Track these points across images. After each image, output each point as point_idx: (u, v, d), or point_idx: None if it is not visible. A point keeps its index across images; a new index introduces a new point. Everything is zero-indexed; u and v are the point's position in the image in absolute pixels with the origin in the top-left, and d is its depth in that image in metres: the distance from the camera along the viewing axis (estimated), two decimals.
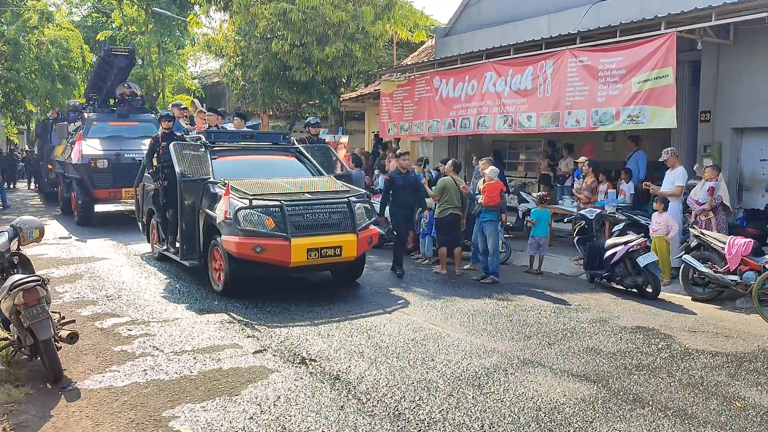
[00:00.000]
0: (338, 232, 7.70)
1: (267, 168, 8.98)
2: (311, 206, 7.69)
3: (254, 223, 7.39)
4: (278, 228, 7.40)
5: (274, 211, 7.50)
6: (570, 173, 12.39)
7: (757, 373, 5.47)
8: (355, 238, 7.75)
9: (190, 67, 34.06)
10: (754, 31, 9.09)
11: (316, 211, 7.70)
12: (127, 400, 4.79)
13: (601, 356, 5.84)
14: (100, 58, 16.72)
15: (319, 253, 7.51)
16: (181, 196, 8.47)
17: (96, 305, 7.50)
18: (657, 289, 8.13)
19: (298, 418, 4.50)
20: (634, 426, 4.39)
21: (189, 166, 8.56)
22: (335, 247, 7.62)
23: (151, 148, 9.68)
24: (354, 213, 7.84)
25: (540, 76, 10.83)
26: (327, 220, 7.71)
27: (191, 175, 8.45)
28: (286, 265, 7.45)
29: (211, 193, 8.20)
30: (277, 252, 7.34)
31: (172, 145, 8.85)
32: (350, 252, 7.77)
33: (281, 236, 7.33)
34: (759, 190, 9.65)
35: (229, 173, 8.34)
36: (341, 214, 7.80)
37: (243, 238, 7.34)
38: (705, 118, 10.15)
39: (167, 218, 9.39)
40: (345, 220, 7.77)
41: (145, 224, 10.77)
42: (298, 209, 7.58)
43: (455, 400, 4.81)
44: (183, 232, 8.63)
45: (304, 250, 7.39)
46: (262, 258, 7.37)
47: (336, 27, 15.80)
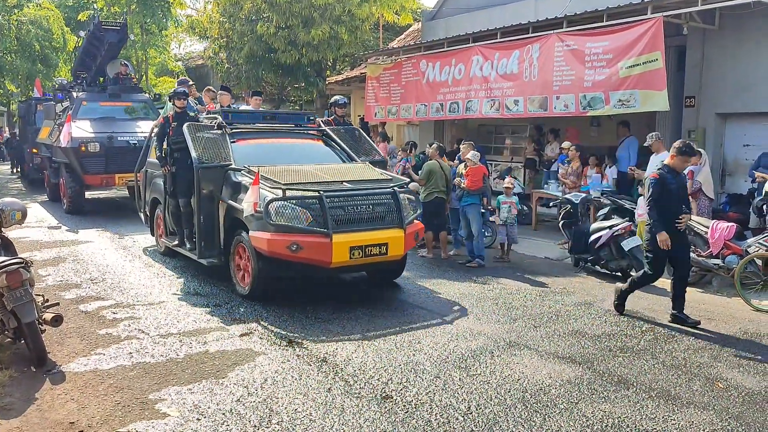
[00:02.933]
0: (383, 227, 6.80)
1: (293, 153, 8.15)
2: (353, 198, 6.77)
3: (288, 216, 6.46)
4: (316, 223, 6.49)
5: (312, 203, 6.57)
6: (555, 158, 12.43)
7: (738, 355, 5.55)
8: (402, 234, 6.85)
9: (174, 49, 33.64)
10: (739, 17, 9.13)
11: (359, 203, 6.77)
12: (113, 383, 4.76)
13: (586, 339, 5.89)
14: (89, 33, 15.44)
15: (363, 251, 6.59)
16: (198, 185, 7.42)
17: (80, 288, 7.43)
18: None
19: (285, 400, 4.50)
20: (618, 407, 4.44)
21: (205, 151, 7.54)
22: (380, 245, 6.71)
23: (161, 129, 8.54)
24: (401, 205, 6.94)
25: (526, 60, 10.81)
26: (371, 214, 6.79)
27: (209, 161, 7.46)
28: (327, 265, 6.55)
29: (232, 182, 7.30)
30: (317, 250, 6.42)
31: (186, 127, 7.86)
32: (397, 250, 6.88)
33: (321, 232, 6.42)
34: (742, 175, 9.74)
35: (250, 159, 7.46)
36: (386, 207, 6.90)
37: (275, 235, 6.41)
38: (690, 103, 10.21)
39: (180, 209, 8.29)
40: (390, 214, 6.88)
41: (149, 215, 9.75)
42: (338, 201, 6.66)
43: (442, 382, 4.83)
44: (201, 227, 7.56)
45: (346, 248, 6.49)
46: (299, 257, 6.45)
47: (322, 9, 15.68)
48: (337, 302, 7.01)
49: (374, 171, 7.74)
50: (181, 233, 8.35)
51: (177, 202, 8.30)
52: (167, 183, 8.45)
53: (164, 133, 8.42)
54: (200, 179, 7.40)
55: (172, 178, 8.32)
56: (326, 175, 7.16)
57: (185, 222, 8.24)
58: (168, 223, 8.89)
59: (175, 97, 8.52)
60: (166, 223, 8.97)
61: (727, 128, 10.02)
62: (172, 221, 8.70)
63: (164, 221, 9.01)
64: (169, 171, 8.31)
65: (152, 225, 9.64)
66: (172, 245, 8.63)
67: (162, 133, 8.47)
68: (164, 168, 8.42)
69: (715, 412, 4.39)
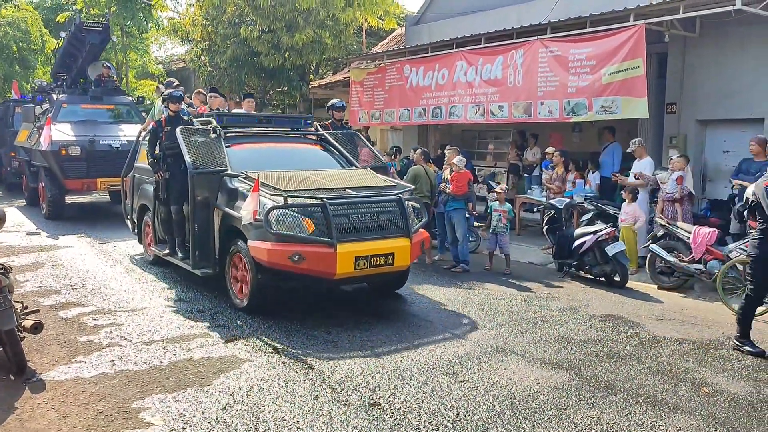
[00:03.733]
0: (389, 236, 6.52)
1: (291, 158, 7.85)
2: (357, 205, 6.48)
3: (290, 225, 6.17)
4: (319, 232, 6.18)
5: (315, 211, 6.27)
6: (537, 163, 12.50)
7: (722, 359, 5.59)
8: (408, 243, 6.57)
9: (155, 52, 33.36)
10: (719, 25, 9.24)
11: (363, 211, 6.49)
12: (95, 392, 4.67)
13: (573, 344, 5.90)
14: (70, 33, 14.97)
15: (368, 262, 6.29)
16: (192, 191, 7.05)
17: (60, 294, 7.30)
18: (625, 277, 8.26)
19: (271, 407, 4.44)
20: (606, 413, 4.45)
21: (199, 156, 7.21)
22: (386, 255, 6.41)
23: (153, 133, 8.09)
24: (407, 213, 6.66)
25: (510, 65, 10.86)
26: (376, 222, 6.52)
27: (203, 166, 7.11)
28: (330, 277, 6.25)
29: (228, 188, 6.98)
30: (320, 261, 6.13)
31: (180, 130, 7.49)
32: (403, 260, 6.61)
33: (324, 242, 6.12)
34: (722, 180, 9.85)
35: (247, 164, 7.15)
36: (391, 215, 6.63)
37: (276, 245, 6.11)
38: (671, 109, 10.32)
39: (172, 216, 7.91)
40: (396, 222, 6.61)
41: (136, 222, 9.35)
42: (342, 209, 6.36)
43: (430, 388, 4.81)
44: (195, 235, 7.16)
45: (351, 258, 6.18)
46: (301, 269, 6.15)
47: (306, 13, 15.61)
48: (321, 309, 6.96)
49: (377, 177, 7.48)
50: (173, 242, 7.98)
51: (169, 209, 7.94)
52: (159, 189, 8.05)
53: (156, 138, 8.02)
54: (194, 185, 7.05)
55: (165, 185, 7.94)
56: (328, 181, 6.86)
57: (177, 230, 7.88)
58: (158, 231, 8.50)
59: (169, 100, 8.07)
60: (155, 230, 8.56)
61: (708, 135, 10.14)
62: (162, 229, 8.28)
63: (153, 229, 8.61)
64: (162, 177, 7.92)
65: (140, 232, 9.24)
66: (162, 254, 8.18)
67: (154, 137, 8.06)
68: (157, 174, 8.01)
69: (702, 418, 4.41)
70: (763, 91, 9.11)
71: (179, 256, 7.80)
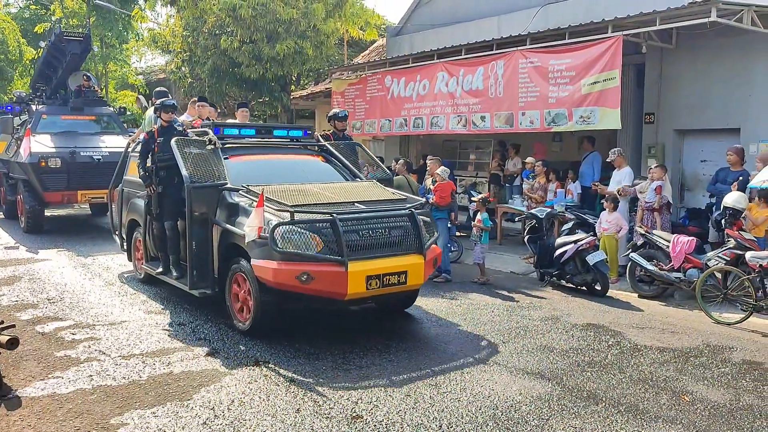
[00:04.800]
0: (401, 252, 6.13)
1: (292, 170, 7.45)
2: (368, 220, 6.11)
3: (297, 243, 5.75)
4: (329, 249, 5.80)
5: (323, 227, 5.88)
6: (518, 173, 12.58)
7: (702, 367, 5.63)
8: (422, 261, 6.20)
9: (135, 63, 33.16)
10: (695, 37, 9.40)
11: (374, 227, 6.10)
12: (72, 408, 4.59)
13: (555, 354, 5.92)
14: (51, 43, 14.82)
15: (380, 281, 5.91)
16: (190, 206, 6.62)
17: (37, 309, 7.19)
18: (606, 286, 8.32)
19: (253, 421, 4.40)
20: (588, 422, 4.46)
21: (196, 169, 6.77)
22: (399, 273, 6.03)
23: (145, 145, 7.67)
24: (420, 228, 6.26)
25: (491, 76, 10.93)
26: (387, 239, 6.11)
27: (201, 180, 6.70)
28: (341, 298, 5.87)
29: (228, 203, 6.57)
30: (330, 281, 5.74)
31: (175, 142, 7.06)
32: (417, 279, 6.23)
33: (334, 260, 5.74)
34: (700, 189, 9.98)
35: (246, 177, 6.79)
36: (403, 230, 6.23)
37: (283, 264, 5.71)
38: (649, 119, 10.46)
39: (165, 233, 7.49)
40: (408, 238, 6.21)
41: (126, 239, 8.88)
42: (352, 225, 5.98)
43: (413, 400, 4.78)
44: (192, 254, 6.70)
45: (362, 277, 5.79)
46: (309, 289, 5.77)
47: (287, 24, 15.64)
48: (301, 320, 6.91)
49: (386, 190, 7.15)
50: (167, 260, 7.55)
51: (162, 225, 7.51)
52: (152, 204, 7.61)
53: (148, 150, 7.59)
54: (192, 200, 6.61)
55: (158, 199, 7.52)
56: (335, 195, 6.49)
57: (171, 247, 7.45)
58: (149, 248, 8.10)
59: (162, 110, 7.63)
60: (146, 247, 8.15)
61: (685, 144, 10.28)
62: (155, 246, 7.85)
63: (144, 245, 8.19)
64: (154, 191, 7.52)
65: (130, 249, 8.78)
66: (156, 273, 7.73)
67: (146, 149, 7.63)
68: (149, 188, 7.57)
69: (683, 426, 4.43)
70: (738, 101, 9.27)
71: (174, 276, 7.36)
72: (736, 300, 7.23)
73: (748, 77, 9.20)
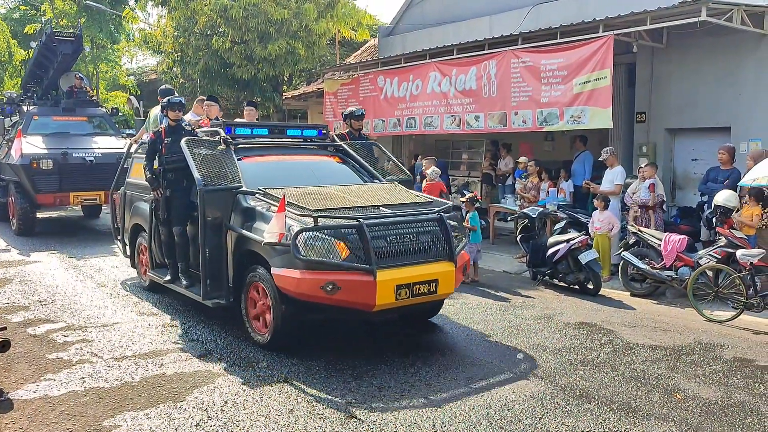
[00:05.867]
0: (431, 260, 5.76)
1: (308, 172, 7.09)
2: (395, 225, 5.70)
3: (321, 250, 5.35)
4: (355, 257, 5.41)
5: (348, 233, 5.50)
6: (510, 172, 12.61)
7: (694, 365, 5.66)
8: (453, 268, 5.83)
9: (126, 64, 33.00)
10: (685, 36, 9.45)
11: (402, 232, 5.70)
12: (65, 410, 4.57)
13: (548, 353, 5.93)
14: (42, 44, 14.70)
15: (410, 290, 5.53)
16: (203, 211, 6.21)
17: (28, 311, 7.15)
18: (598, 285, 8.35)
19: (246, 423, 4.39)
20: (581, 421, 4.47)
21: (209, 171, 6.36)
22: (429, 282, 5.66)
23: (151, 146, 7.28)
24: (449, 233, 5.89)
25: (484, 76, 10.96)
26: (416, 245, 5.74)
27: (214, 183, 6.29)
28: (368, 309, 5.48)
29: (243, 207, 6.20)
30: (357, 291, 5.36)
31: (185, 142, 6.66)
32: (447, 287, 5.86)
33: (362, 269, 5.36)
34: (691, 188, 10.04)
35: (261, 179, 6.43)
36: (432, 235, 5.85)
37: (306, 272, 5.32)
38: (640, 119, 10.50)
39: (174, 239, 7.14)
40: (438, 243, 5.84)
41: (129, 244, 8.52)
42: (380, 230, 5.58)
43: (406, 400, 4.79)
44: (206, 261, 6.27)
45: (392, 287, 5.41)
46: (334, 300, 5.37)
47: (278, 24, 15.59)
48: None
49: (410, 193, 6.79)
50: (175, 267, 7.19)
51: (170, 231, 7.16)
52: (159, 208, 7.23)
53: (155, 151, 7.21)
54: (205, 205, 6.21)
55: (165, 203, 7.15)
56: (357, 198, 6.12)
57: (180, 254, 7.10)
58: (155, 254, 7.71)
59: (168, 108, 7.22)
60: (152, 253, 7.77)
61: (677, 143, 10.33)
62: (163, 253, 7.44)
63: (150, 251, 7.79)
64: (162, 194, 7.15)
65: (134, 255, 8.43)
66: (164, 281, 7.32)
67: (152, 150, 7.23)
68: (155, 191, 7.19)
69: (675, 424, 4.45)
70: (728, 99, 9.32)
71: (184, 284, 6.98)
72: (727, 298, 7.27)
73: (738, 76, 9.25)
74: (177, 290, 7.13)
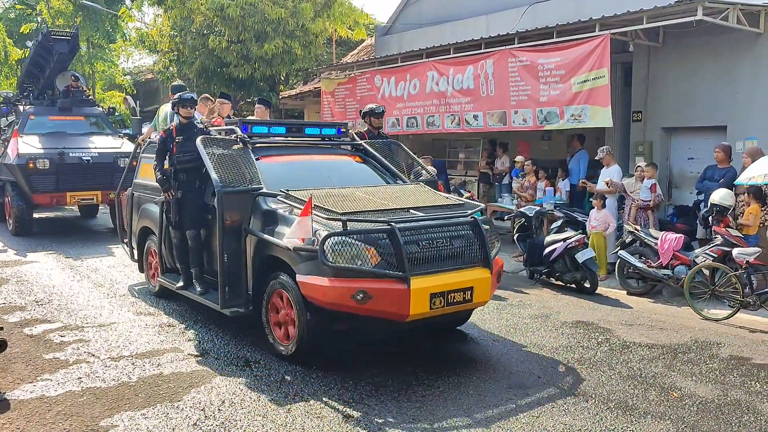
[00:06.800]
0: (466, 266, 5.46)
1: (328, 172, 6.75)
2: (428, 230, 5.42)
3: (350, 256, 5.04)
4: (386, 263, 5.11)
5: (379, 237, 5.18)
6: (506, 171, 12.62)
7: (691, 363, 5.68)
8: (489, 275, 5.53)
9: (122, 63, 32.93)
10: (681, 35, 9.46)
11: (434, 237, 5.40)
12: (62, 410, 4.56)
13: (545, 351, 5.94)
14: (38, 43, 14.66)
15: (444, 299, 5.21)
16: (221, 214, 5.87)
17: (25, 311, 7.13)
18: (595, 284, 8.37)
19: (244, 422, 4.39)
20: (579, 420, 4.48)
21: (227, 172, 6.01)
22: (465, 290, 5.35)
23: (161, 145, 6.87)
24: (485, 237, 5.59)
25: (481, 75, 10.96)
26: (450, 250, 5.42)
27: (233, 184, 5.94)
28: (401, 319, 5.17)
29: (263, 210, 5.85)
30: (390, 300, 5.04)
31: (201, 141, 6.35)
32: (483, 295, 5.56)
33: (395, 276, 5.05)
34: (688, 187, 10.05)
35: (282, 180, 6.11)
36: (465, 240, 5.54)
37: (336, 280, 5.01)
38: (637, 117, 10.52)
39: (187, 243, 6.79)
40: (472, 248, 5.53)
41: (136, 247, 8.18)
42: (412, 234, 5.28)
43: (405, 398, 4.79)
44: (224, 268, 5.93)
45: (426, 295, 5.10)
46: (365, 309, 5.06)
47: (275, 24, 15.58)
48: None
49: (438, 194, 6.53)
50: (188, 273, 6.83)
51: (183, 235, 6.79)
52: (171, 211, 6.85)
53: (165, 150, 6.83)
54: (224, 207, 5.88)
55: (177, 205, 6.79)
56: (384, 200, 5.79)
57: (194, 259, 6.74)
58: (165, 259, 7.38)
59: (180, 105, 6.86)
60: (162, 258, 7.42)
61: (673, 142, 10.35)
62: (175, 258, 7.07)
63: (160, 256, 7.43)
64: (174, 196, 6.78)
65: (142, 260, 8.08)
66: (176, 287, 6.94)
67: (163, 149, 6.85)
68: (167, 192, 6.81)
69: (671, 422, 4.46)
70: (725, 98, 9.34)
71: (198, 291, 6.60)
72: (723, 296, 7.29)
73: (734, 75, 9.27)
74: (191, 297, 6.79)
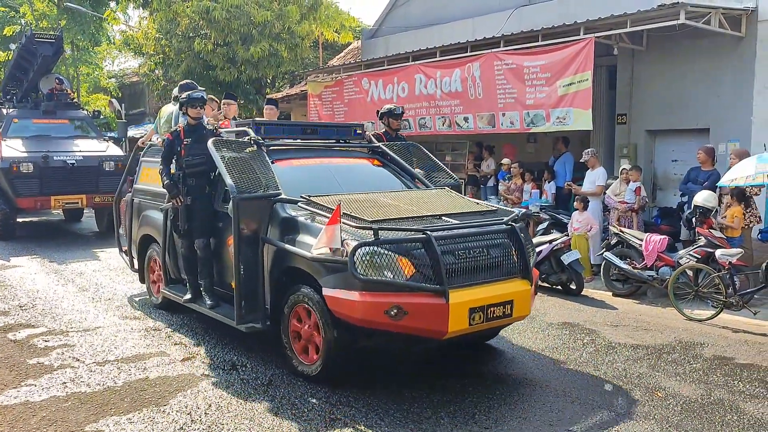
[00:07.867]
0: (504, 278, 5.09)
1: (350, 177, 6.39)
2: (464, 238, 5.04)
3: (382, 267, 4.63)
4: (421, 275, 4.71)
5: (413, 247, 4.79)
6: (492, 174, 12.66)
7: (675, 363, 5.73)
8: (529, 287, 5.19)
9: (107, 66, 32.73)
10: (665, 39, 9.56)
11: (471, 246, 5.01)
12: (46, 416, 4.53)
13: (531, 353, 5.97)
14: (21, 45, 14.67)
15: (484, 314, 4.85)
16: (237, 222, 5.41)
17: (8, 316, 7.07)
18: (580, 285, 8.42)
19: (230, 426, 4.38)
20: (564, 419, 4.51)
21: (240, 177, 5.53)
22: (504, 303, 4.99)
23: (168, 148, 6.42)
24: (523, 246, 5.25)
25: (468, 78, 11.01)
26: (487, 260, 5.03)
27: (249, 190, 5.48)
28: (439, 336, 4.82)
29: (282, 218, 5.43)
30: (427, 316, 4.67)
31: (212, 143, 5.89)
32: (523, 309, 5.20)
33: (432, 290, 4.68)
34: (672, 189, 10.16)
35: (301, 185, 5.68)
36: (502, 249, 5.16)
37: (367, 294, 4.60)
38: (621, 120, 10.62)
39: (195, 252, 6.36)
40: (510, 259, 5.16)
41: (136, 257, 7.79)
42: (448, 244, 4.89)
43: (391, 400, 4.80)
44: (241, 280, 5.46)
45: (465, 310, 4.74)
46: (400, 326, 4.68)
47: (261, 26, 15.59)
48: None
49: (468, 200, 6.21)
50: (196, 285, 6.45)
51: (191, 244, 6.37)
52: (179, 218, 6.40)
53: (173, 153, 6.38)
54: (240, 215, 5.43)
55: (186, 212, 6.35)
56: (413, 207, 5.41)
57: (203, 270, 6.33)
58: (169, 269, 6.99)
59: (188, 104, 6.39)
60: (165, 268, 7.00)
61: (657, 144, 10.46)
62: (182, 268, 6.66)
63: (164, 266, 7.01)
64: (182, 203, 6.33)
65: (143, 270, 7.70)
66: (183, 300, 6.50)
67: (170, 152, 6.40)
68: (174, 199, 6.36)
69: (656, 422, 4.50)
70: (707, 101, 9.45)
71: (208, 304, 6.19)
72: (707, 297, 7.36)
73: (716, 78, 9.38)
74: (200, 311, 6.41)
